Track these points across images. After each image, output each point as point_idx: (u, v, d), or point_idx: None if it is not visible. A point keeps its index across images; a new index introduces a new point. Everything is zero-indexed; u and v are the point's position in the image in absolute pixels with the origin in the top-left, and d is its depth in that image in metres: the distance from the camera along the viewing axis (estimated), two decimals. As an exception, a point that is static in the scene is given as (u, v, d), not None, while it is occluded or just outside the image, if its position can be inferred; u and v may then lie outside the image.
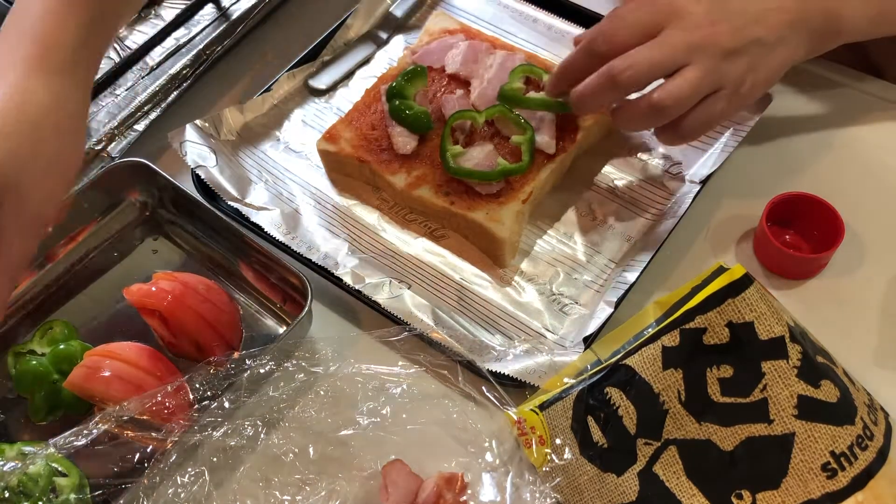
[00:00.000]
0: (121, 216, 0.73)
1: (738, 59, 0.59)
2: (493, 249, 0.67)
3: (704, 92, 0.59)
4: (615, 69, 0.58)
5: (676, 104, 0.58)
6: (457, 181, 0.68)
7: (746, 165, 0.72)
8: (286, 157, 0.76)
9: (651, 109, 0.59)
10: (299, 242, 0.68)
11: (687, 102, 0.59)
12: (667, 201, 0.69)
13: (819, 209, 0.64)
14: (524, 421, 0.56)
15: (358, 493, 0.56)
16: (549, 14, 0.83)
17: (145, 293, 0.62)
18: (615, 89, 0.59)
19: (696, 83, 0.58)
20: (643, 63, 0.58)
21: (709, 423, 0.51)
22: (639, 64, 0.58)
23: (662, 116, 0.59)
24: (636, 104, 0.60)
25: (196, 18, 0.85)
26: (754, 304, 0.50)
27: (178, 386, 0.57)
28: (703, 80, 0.58)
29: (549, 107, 0.69)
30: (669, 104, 0.58)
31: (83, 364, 0.59)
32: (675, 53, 0.58)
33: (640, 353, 0.52)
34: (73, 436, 0.54)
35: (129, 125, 0.77)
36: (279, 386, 0.59)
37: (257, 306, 0.67)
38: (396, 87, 0.71)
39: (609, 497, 0.53)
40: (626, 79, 0.58)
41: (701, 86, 0.58)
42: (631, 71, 0.58)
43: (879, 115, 0.74)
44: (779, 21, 0.60)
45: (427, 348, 0.62)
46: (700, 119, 0.60)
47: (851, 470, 0.49)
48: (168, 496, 0.55)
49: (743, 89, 0.60)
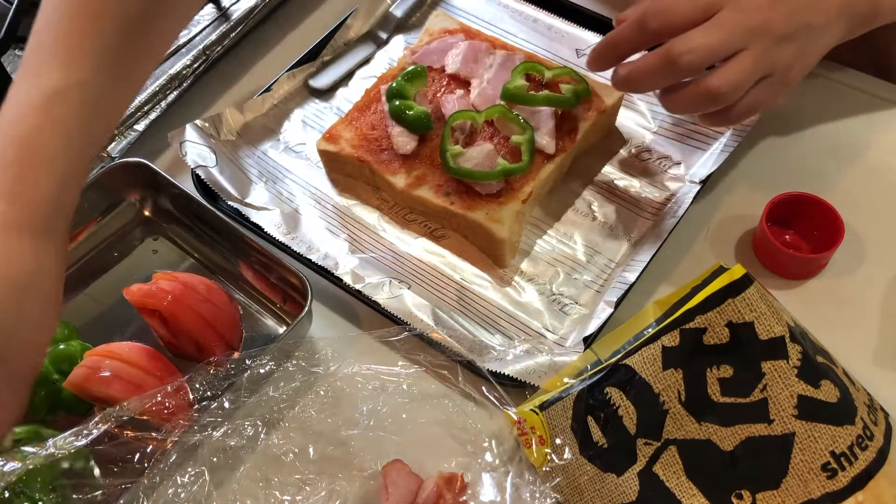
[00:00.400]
0: (121, 216, 0.73)
1: (790, 45, 0.58)
2: (493, 249, 0.67)
3: (757, 77, 0.58)
4: (674, 52, 0.56)
5: (733, 91, 0.57)
6: (457, 181, 0.68)
7: (746, 165, 0.72)
8: (286, 157, 0.76)
9: (707, 96, 0.58)
10: (299, 242, 0.68)
11: (742, 89, 0.58)
12: (667, 201, 0.69)
13: (819, 209, 0.64)
14: (524, 421, 0.56)
15: (358, 493, 0.56)
16: (549, 14, 0.83)
17: (145, 293, 0.62)
18: (672, 73, 0.58)
19: (751, 69, 0.57)
20: (703, 48, 0.56)
21: (709, 423, 0.51)
22: (699, 48, 0.56)
23: (717, 103, 0.58)
24: (690, 89, 0.58)
25: (196, 18, 0.85)
26: (754, 304, 0.50)
27: (178, 386, 0.57)
28: (757, 67, 0.57)
29: (553, 102, 0.69)
30: (726, 91, 0.57)
31: (83, 364, 0.59)
32: (733, 38, 0.56)
33: (640, 353, 0.52)
34: (73, 436, 0.54)
35: (129, 125, 0.77)
36: (279, 386, 0.59)
37: (257, 306, 0.67)
38: (396, 87, 0.71)
39: (609, 497, 0.53)
40: (686, 63, 0.56)
41: (755, 72, 0.57)
42: (691, 55, 0.56)
43: (879, 115, 0.74)
44: (829, 5, 0.59)
45: (427, 348, 0.62)
46: (748, 105, 0.59)
47: (851, 470, 0.49)
48: (168, 496, 0.55)
49: (790, 75, 0.60)
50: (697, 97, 0.58)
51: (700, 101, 0.59)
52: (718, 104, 0.58)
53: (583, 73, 0.72)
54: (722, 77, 0.57)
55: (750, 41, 0.57)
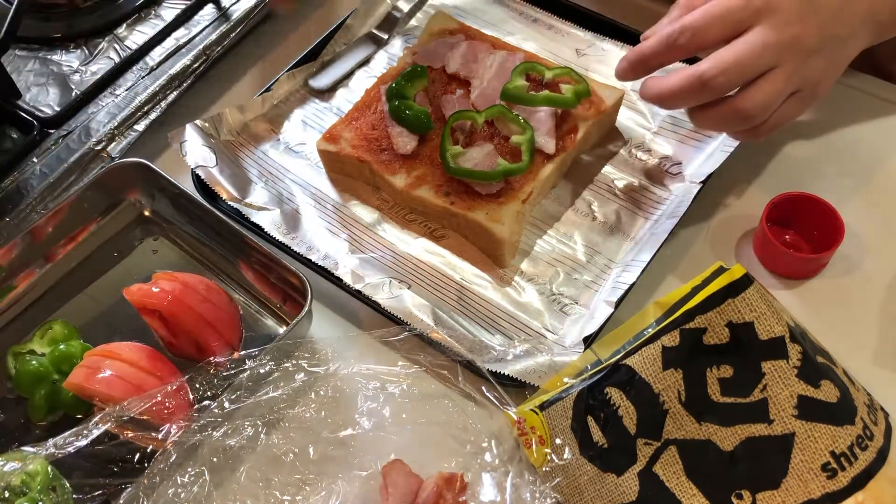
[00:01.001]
0: (121, 216, 0.73)
1: (819, 59, 0.58)
2: (493, 249, 0.67)
3: (787, 94, 0.58)
4: (706, 75, 0.56)
5: (764, 112, 0.57)
6: (457, 181, 0.68)
7: (746, 165, 0.72)
8: (286, 157, 0.76)
9: (737, 116, 0.57)
10: (299, 242, 0.68)
11: (773, 108, 0.58)
12: (667, 201, 0.69)
13: (819, 209, 0.64)
14: (524, 421, 0.56)
15: (358, 493, 0.56)
16: (549, 14, 0.83)
17: (145, 293, 0.62)
18: (703, 94, 0.57)
19: (781, 89, 0.57)
20: (734, 69, 0.55)
21: (709, 423, 0.51)
22: (730, 70, 0.55)
23: (747, 123, 0.58)
24: (721, 109, 0.58)
25: (196, 18, 0.85)
26: (754, 304, 0.50)
27: (178, 386, 0.57)
28: (788, 85, 0.57)
29: (553, 102, 0.69)
30: (757, 113, 0.57)
31: (83, 364, 0.59)
32: (765, 57, 0.56)
33: (640, 353, 0.52)
34: (73, 436, 0.54)
35: (129, 125, 0.77)
36: (279, 386, 0.59)
37: (257, 306, 0.67)
38: (396, 87, 0.71)
39: (609, 497, 0.53)
40: (718, 85, 0.56)
41: (785, 91, 0.57)
42: (723, 78, 0.55)
43: (879, 115, 0.74)
44: (853, 14, 0.59)
45: (427, 348, 0.62)
46: (777, 121, 0.59)
47: (851, 470, 0.49)
48: (168, 496, 0.55)
49: (818, 89, 0.60)
50: (728, 117, 0.58)
51: (730, 121, 0.58)
52: (749, 124, 0.58)
53: (582, 72, 0.72)
54: (752, 98, 0.56)
55: (781, 59, 0.56)
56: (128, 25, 0.85)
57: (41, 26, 0.85)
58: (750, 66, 0.56)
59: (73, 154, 0.74)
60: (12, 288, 0.68)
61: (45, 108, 0.79)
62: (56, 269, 0.70)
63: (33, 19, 0.85)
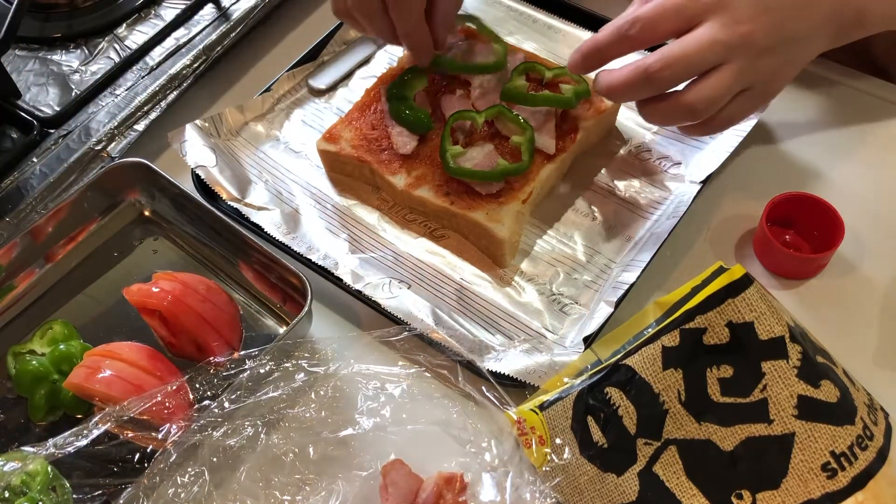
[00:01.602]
0: (121, 216, 0.73)
1: (772, 58, 0.57)
2: (493, 249, 0.67)
3: (735, 92, 0.58)
4: (652, 68, 0.56)
5: (709, 107, 0.57)
6: (457, 181, 0.68)
7: (746, 165, 0.72)
8: (286, 157, 0.76)
9: (683, 110, 0.58)
10: (299, 242, 0.68)
11: (719, 104, 0.58)
12: (667, 201, 0.69)
13: (819, 209, 0.64)
14: (524, 421, 0.56)
15: (358, 493, 0.56)
16: (549, 14, 0.83)
17: (145, 293, 0.62)
18: (649, 86, 0.58)
19: (729, 85, 0.57)
20: (680, 63, 0.56)
21: (709, 423, 0.51)
22: (676, 65, 0.56)
23: (693, 117, 0.58)
24: (668, 103, 0.58)
25: (196, 18, 0.85)
26: (754, 304, 0.50)
27: (178, 386, 0.57)
28: (736, 82, 0.57)
29: (553, 102, 0.69)
30: (702, 108, 0.57)
31: (83, 364, 0.59)
32: (713, 53, 0.56)
33: (640, 353, 0.52)
34: (73, 436, 0.54)
35: (129, 125, 0.77)
36: (279, 386, 0.59)
37: (257, 306, 0.67)
38: (396, 87, 0.71)
39: (609, 497, 0.53)
40: (663, 78, 0.56)
41: (733, 88, 0.57)
42: (668, 71, 0.56)
43: (880, 115, 0.74)
44: (813, 15, 0.59)
45: (427, 348, 0.62)
46: (727, 117, 0.59)
47: (851, 470, 0.49)
48: (168, 496, 0.55)
49: (771, 88, 0.60)
50: (674, 110, 0.58)
51: (676, 115, 0.59)
52: (695, 118, 0.58)
53: (583, 73, 0.72)
54: (698, 93, 0.57)
55: (730, 56, 0.56)
56: (128, 25, 0.85)
57: (41, 26, 0.86)
58: (696, 62, 0.56)
59: (73, 154, 0.74)
60: (12, 288, 0.68)
61: (45, 108, 0.79)
62: (56, 269, 0.70)
63: (33, 19, 0.86)
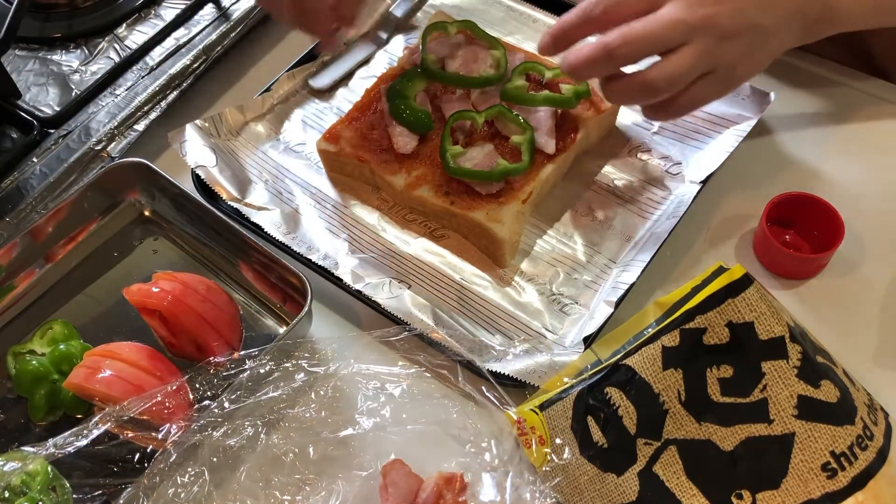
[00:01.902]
0: (121, 216, 0.73)
1: (735, 43, 0.58)
2: (493, 249, 0.67)
3: (697, 73, 0.58)
4: (611, 44, 0.57)
5: (669, 85, 0.58)
6: (457, 181, 0.68)
7: (746, 165, 0.72)
8: (286, 157, 0.76)
9: (643, 87, 0.58)
10: (299, 242, 0.68)
11: (679, 83, 0.58)
12: (667, 201, 0.69)
13: (819, 209, 0.64)
14: (524, 421, 0.56)
15: (358, 493, 0.56)
16: (549, 14, 0.83)
17: (145, 293, 0.62)
18: (608, 63, 0.58)
19: (690, 65, 0.57)
20: (639, 41, 0.57)
21: (709, 423, 0.51)
22: (635, 41, 0.57)
23: (653, 95, 0.59)
24: (628, 80, 0.59)
25: (196, 18, 0.85)
26: (754, 304, 0.50)
27: (178, 386, 0.57)
28: (698, 62, 0.57)
29: (553, 102, 0.69)
30: (662, 85, 0.57)
31: (83, 364, 0.59)
32: (674, 32, 0.57)
33: (640, 353, 0.52)
34: (73, 436, 0.54)
35: (129, 125, 0.77)
36: (279, 386, 0.59)
37: (257, 306, 0.67)
38: (396, 87, 0.71)
39: (609, 497, 0.53)
40: (621, 55, 0.57)
41: (695, 68, 0.57)
42: (627, 48, 0.57)
43: (880, 115, 0.74)
44: (779, 7, 0.59)
45: (427, 348, 0.62)
46: (690, 100, 0.59)
47: (851, 470, 0.49)
48: (168, 496, 0.55)
49: (735, 74, 0.60)
50: (634, 88, 0.59)
51: (637, 93, 0.59)
52: (655, 97, 0.59)
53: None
54: (658, 71, 0.57)
55: (692, 37, 0.57)
56: (128, 25, 0.85)
57: (41, 26, 0.86)
58: (657, 40, 0.57)
59: (73, 154, 0.74)
60: (12, 288, 0.68)
61: (45, 108, 0.79)
62: (56, 269, 0.70)
63: (33, 19, 0.86)
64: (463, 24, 0.74)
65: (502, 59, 0.72)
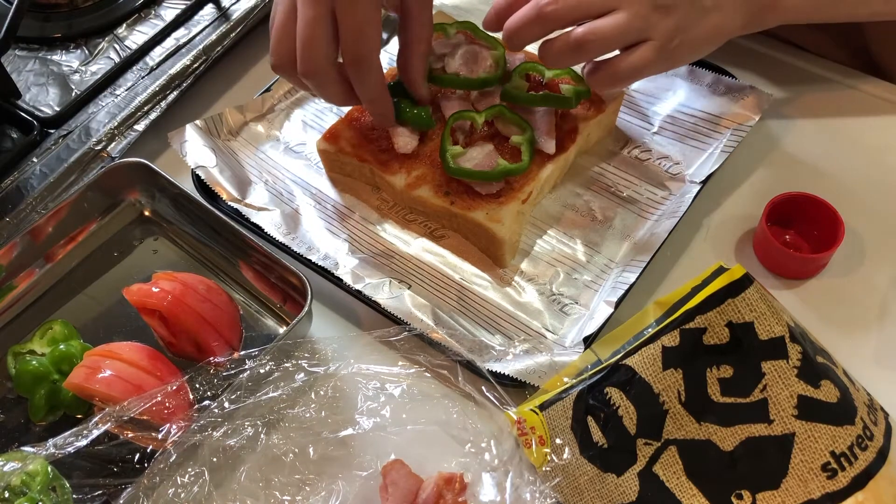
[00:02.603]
0: (121, 216, 0.73)
1: (669, 14, 0.59)
2: (493, 249, 0.67)
3: (630, 37, 0.59)
4: (542, 4, 0.59)
5: (599, 42, 0.59)
6: (457, 181, 0.68)
7: (746, 165, 0.72)
8: (286, 157, 0.76)
9: (574, 44, 0.60)
10: (299, 242, 0.68)
11: (610, 42, 0.59)
12: (667, 201, 0.69)
13: (819, 209, 0.64)
14: (524, 421, 0.56)
15: (358, 493, 0.56)
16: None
17: (145, 293, 0.62)
18: (541, 24, 0.60)
19: (621, 25, 0.58)
20: (572, 1, 0.59)
21: (709, 423, 0.51)
22: (568, 1, 0.59)
23: (585, 53, 0.60)
24: (560, 38, 0.61)
25: (196, 18, 0.85)
26: (754, 304, 0.50)
27: (178, 386, 0.57)
28: (630, 24, 0.59)
29: (553, 102, 0.69)
30: (591, 40, 0.59)
31: (83, 364, 0.59)
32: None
33: (640, 353, 0.52)
34: (73, 436, 0.54)
35: (129, 125, 0.77)
36: (279, 386, 0.59)
37: (257, 306, 0.67)
38: (397, 86, 0.71)
39: (609, 497, 0.53)
40: (551, 13, 0.59)
41: (627, 30, 0.59)
42: (556, 6, 0.59)
43: (879, 115, 0.74)
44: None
45: (427, 348, 0.62)
46: (629, 66, 0.60)
47: (851, 470, 0.49)
48: (168, 496, 0.55)
49: (671, 45, 0.61)
50: (566, 46, 0.60)
51: (568, 52, 0.61)
52: (586, 54, 0.60)
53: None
54: (588, 27, 0.59)
55: (624, 2, 0.58)
56: (128, 25, 0.85)
57: (41, 26, 0.86)
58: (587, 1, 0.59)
59: (73, 154, 0.74)
60: (12, 288, 0.68)
61: (45, 108, 0.79)
62: (56, 269, 0.70)
63: (33, 19, 0.86)
64: (463, 24, 0.74)
65: (502, 59, 0.72)
